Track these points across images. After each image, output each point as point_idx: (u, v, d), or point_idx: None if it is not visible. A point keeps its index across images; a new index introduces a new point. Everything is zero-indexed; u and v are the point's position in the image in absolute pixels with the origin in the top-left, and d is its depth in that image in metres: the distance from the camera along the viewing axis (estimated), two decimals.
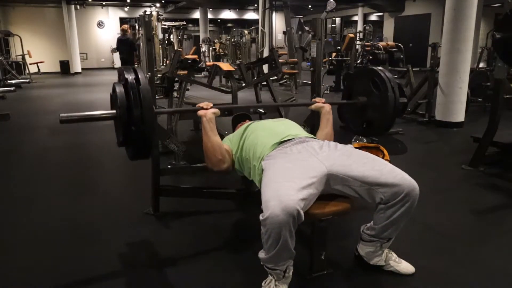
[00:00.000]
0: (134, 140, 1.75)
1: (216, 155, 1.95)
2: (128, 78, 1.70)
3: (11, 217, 2.58)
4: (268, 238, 1.49)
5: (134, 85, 1.69)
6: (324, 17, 6.82)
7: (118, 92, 1.70)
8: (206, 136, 1.94)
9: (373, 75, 2.32)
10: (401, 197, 1.62)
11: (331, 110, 2.25)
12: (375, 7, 14.51)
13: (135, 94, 1.68)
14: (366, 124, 2.44)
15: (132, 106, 1.67)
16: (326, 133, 2.18)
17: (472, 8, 4.61)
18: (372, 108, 2.36)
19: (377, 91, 2.29)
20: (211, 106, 2.02)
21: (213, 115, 1.99)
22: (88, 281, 1.87)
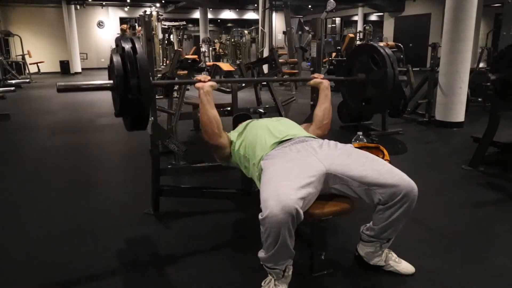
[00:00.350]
0: (131, 110, 1.76)
1: (213, 128, 1.97)
2: (125, 47, 1.70)
3: (11, 217, 2.58)
4: (267, 237, 1.49)
5: (131, 54, 1.70)
6: (324, 17, 6.82)
7: (115, 61, 1.70)
8: (203, 108, 1.98)
9: (373, 51, 2.31)
10: (399, 198, 1.62)
11: (329, 86, 2.30)
12: (375, 7, 14.51)
13: (132, 63, 1.69)
14: (365, 101, 2.43)
15: (129, 76, 1.68)
16: (324, 108, 2.23)
17: (472, 8, 4.61)
18: (371, 85, 2.35)
19: (376, 67, 2.28)
20: (208, 79, 2.06)
21: (210, 88, 2.03)
22: (88, 280, 1.87)
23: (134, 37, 1.81)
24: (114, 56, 1.73)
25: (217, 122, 1.99)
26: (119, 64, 1.70)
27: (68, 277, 1.90)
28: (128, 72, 1.68)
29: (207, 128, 1.98)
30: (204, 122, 1.99)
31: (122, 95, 1.71)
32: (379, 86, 2.31)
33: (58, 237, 2.28)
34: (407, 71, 5.63)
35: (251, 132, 2.00)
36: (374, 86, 2.34)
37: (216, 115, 1.99)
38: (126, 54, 1.70)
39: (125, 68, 1.69)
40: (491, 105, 3.41)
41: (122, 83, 1.69)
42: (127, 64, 1.69)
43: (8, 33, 12.73)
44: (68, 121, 5.87)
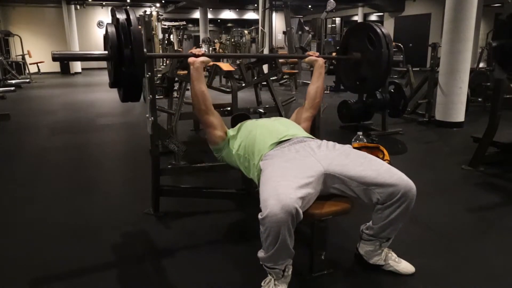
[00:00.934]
0: (124, 81, 1.77)
1: (200, 103, 2.01)
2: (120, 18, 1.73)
3: (11, 217, 2.58)
4: (267, 237, 1.50)
5: (125, 25, 1.72)
6: (324, 17, 6.83)
7: (109, 32, 1.73)
8: (192, 84, 2.03)
9: (369, 30, 2.32)
10: (398, 198, 1.62)
11: (324, 64, 2.34)
12: (375, 7, 14.51)
13: (126, 34, 1.72)
14: (360, 80, 2.45)
15: (123, 46, 1.71)
16: (317, 86, 2.29)
17: (472, 8, 4.61)
18: (366, 64, 2.37)
19: (372, 47, 2.30)
20: (202, 53, 2.09)
21: (201, 64, 2.06)
22: (88, 280, 1.87)
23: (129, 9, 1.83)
24: (109, 27, 1.75)
25: (204, 98, 2.01)
26: (114, 34, 1.73)
27: (68, 277, 1.90)
28: (122, 42, 1.71)
29: (195, 103, 2.03)
30: (192, 97, 2.04)
31: (116, 65, 1.73)
32: (374, 66, 2.34)
33: (58, 237, 2.28)
34: (407, 71, 5.64)
35: (250, 132, 2.00)
36: (369, 66, 2.36)
37: (203, 91, 2.02)
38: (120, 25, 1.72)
39: (119, 39, 1.72)
40: (491, 105, 3.41)
41: (116, 53, 1.72)
42: (121, 35, 1.72)
43: (8, 33, 12.73)
44: (68, 121, 5.87)
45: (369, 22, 2.45)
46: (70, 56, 1.88)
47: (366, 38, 2.33)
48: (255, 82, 3.52)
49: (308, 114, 2.27)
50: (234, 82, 3.22)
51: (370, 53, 2.32)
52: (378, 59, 2.28)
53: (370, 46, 2.31)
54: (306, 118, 2.26)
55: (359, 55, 2.39)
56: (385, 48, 2.26)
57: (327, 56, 2.51)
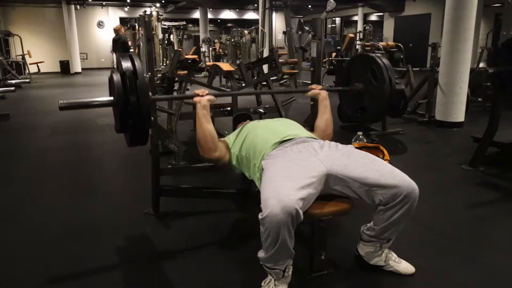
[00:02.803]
0: (131, 127, 1.78)
1: (207, 142, 1.96)
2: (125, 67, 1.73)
3: (11, 217, 2.58)
4: (267, 237, 1.49)
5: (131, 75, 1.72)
6: (324, 17, 6.83)
7: (115, 80, 1.74)
8: (199, 122, 1.97)
9: (372, 63, 2.32)
10: (400, 199, 1.62)
11: (327, 96, 2.28)
12: (375, 7, 14.50)
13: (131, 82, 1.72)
14: (361, 110, 2.45)
15: (129, 94, 1.71)
16: (325, 120, 2.21)
17: (472, 8, 4.61)
18: (368, 96, 2.37)
19: (374, 80, 2.30)
20: (206, 93, 2.05)
21: (207, 102, 2.01)
22: (88, 280, 1.87)
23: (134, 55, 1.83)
24: (114, 74, 1.76)
25: (213, 137, 1.96)
26: (119, 82, 1.73)
27: (68, 276, 1.90)
28: (127, 90, 1.71)
29: (202, 142, 1.96)
30: (199, 136, 1.97)
31: (122, 111, 1.73)
32: (375, 99, 2.33)
33: (58, 237, 2.28)
34: (407, 71, 5.64)
35: (252, 132, 2.00)
36: (371, 98, 2.36)
37: (211, 130, 1.97)
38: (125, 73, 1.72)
39: (124, 87, 1.72)
40: (491, 105, 3.41)
41: (121, 100, 1.73)
42: (126, 83, 1.72)
43: (8, 33, 12.73)
44: (68, 121, 5.87)
45: (372, 55, 2.44)
46: (77, 105, 1.89)
47: (369, 70, 2.33)
48: (255, 82, 3.53)
49: None
50: (234, 82, 3.22)
51: (373, 86, 2.32)
52: (380, 94, 2.28)
53: (373, 79, 2.31)
54: None
55: (362, 86, 2.38)
56: (387, 84, 2.24)
57: (330, 89, 2.48)
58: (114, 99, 1.78)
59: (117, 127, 1.85)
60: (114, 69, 1.85)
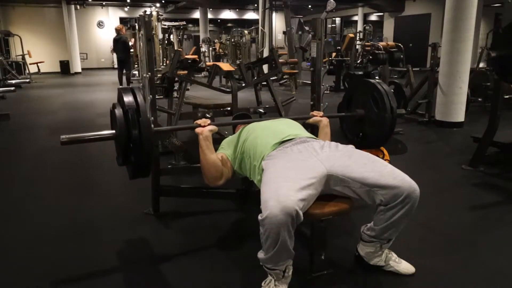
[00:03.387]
0: (133, 160, 1.78)
1: (212, 172, 1.94)
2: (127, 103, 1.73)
3: (11, 217, 2.58)
4: (267, 238, 1.49)
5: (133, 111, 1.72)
6: (324, 17, 6.81)
7: (117, 114, 1.75)
8: (203, 154, 1.93)
9: (373, 90, 2.32)
10: (401, 199, 1.61)
11: (328, 124, 2.28)
12: (375, 7, 14.50)
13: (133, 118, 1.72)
14: (362, 135, 2.45)
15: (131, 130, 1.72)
16: None
17: (472, 8, 4.61)
18: (369, 123, 2.38)
19: (375, 108, 2.30)
20: (208, 123, 2.03)
21: (209, 133, 1.98)
22: (88, 280, 1.87)
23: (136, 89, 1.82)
24: (116, 109, 1.77)
25: (216, 167, 1.94)
26: (121, 116, 1.74)
27: (68, 276, 1.90)
28: (130, 126, 1.72)
29: (207, 173, 1.95)
30: (204, 167, 1.95)
31: (124, 145, 1.74)
32: (376, 126, 2.34)
33: (58, 237, 2.28)
34: (407, 71, 5.64)
35: (252, 133, 1.99)
36: (372, 125, 2.37)
37: (215, 160, 1.94)
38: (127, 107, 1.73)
39: (126, 121, 1.73)
40: (491, 105, 3.41)
41: (124, 136, 1.74)
42: (128, 117, 1.72)
43: (8, 33, 12.73)
44: (68, 121, 5.87)
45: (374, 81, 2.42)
46: (79, 140, 1.90)
47: (371, 97, 2.33)
48: (255, 82, 3.52)
49: None
50: (234, 82, 3.21)
51: (374, 113, 2.32)
52: (381, 122, 2.29)
53: (374, 107, 2.31)
54: None
55: (363, 112, 2.39)
56: (389, 112, 2.25)
57: (331, 115, 2.48)
58: (116, 132, 1.78)
59: (119, 160, 1.85)
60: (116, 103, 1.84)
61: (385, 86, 2.35)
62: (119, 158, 1.85)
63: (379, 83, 2.37)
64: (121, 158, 1.82)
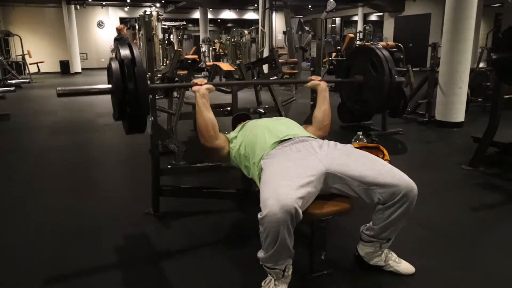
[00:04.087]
0: (129, 114, 1.79)
1: (209, 130, 1.98)
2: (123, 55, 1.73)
3: (11, 217, 2.58)
4: (266, 237, 1.50)
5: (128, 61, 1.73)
6: (324, 17, 6.82)
7: (113, 67, 1.75)
8: (199, 111, 1.99)
9: (372, 55, 2.32)
10: (399, 198, 1.62)
11: (327, 88, 2.32)
12: (375, 7, 14.51)
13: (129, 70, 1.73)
14: (361, 102, 2.45)
15: (127, 81, 1.72)
16: (323, 110, 2.26)
17: (472, 8, 4.61)
18: (368, 88, 2.37)
19: (374, 72, 2.30)
20: (205, 82, 2.08)
21: (206, 91, 2.04)
22: (88, 280, 1.87)
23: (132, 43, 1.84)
24: (112, 62, 1.77)
25: (213, 125, 1.99)
26: (117, 70, 1.73)
27: (68, 277, 1.90)
28: (125, 77, 1.71)
29: (203, 130, 1.98)
30: (200, 124, 1.99)
31: (120, 99, 1.73)
32: (375, 91, 2.33)
33: (58, 237, 2.28)
34: (407, 71, 5.64)
35: (251, 131, 2.00)
36: (371, 90, 2.36)
37: (212, 118, 1.99)
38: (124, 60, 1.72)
39: (123, 74, 1.72)
40: (491, 105, 3.41)
41: (120, 88, 1.74)
42: (124, 70, 1.72)
43: (8, 33, 12.73)
44: (68, 121, 5.87)
45: (372, 46, 2.43)
46: (74, 92, 1.90)
47: (369, 62, 2.33)
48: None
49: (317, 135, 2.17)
50: None
51: (373, 78, 2.32)
52: (380, 85, 2.28)
53: (373, 71, 2.31)
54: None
55: (362, 78, 2.39)
56: (387, 75, 2.25)
57: (329, 80, 2.49)
58: (113, 86, 1.79)
59: (115, 115, 1.86)
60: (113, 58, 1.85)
61: (385, 51, 2.34)
62: (115, 112, 1.85)
63: (378, 48, 2.37)
64: (117, 113, 1.82)
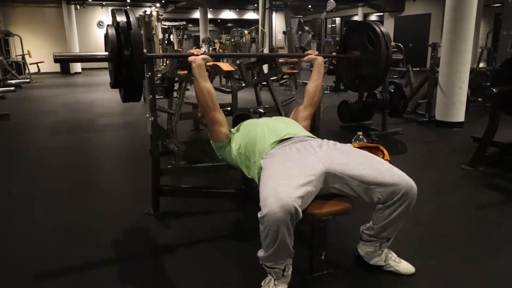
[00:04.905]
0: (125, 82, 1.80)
1: (207, 100, 2.00)
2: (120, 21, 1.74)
3: (11, 217, 2.58)
4: (266, 236, 1.50)
5: (125, 27, 1.74)
6: (324, 17, 6.83)
7: (109, 34, 1.75)
8: (196, 82, 2.01)
9: (369, 29, 2.34)
10: (399, 197, 1.62)
11: (323, 62, 2.36)
12: (375, 7, 14.51)
13: (125, 36, 1.73)
14: (359, 78, 2.47)
15: (123, 48, 1.73)
16: (316, 85, 2.31)
17: (472, 8, 4.61)
18: (365, 63, 2.39)
19: (371, 46, 2.31)
20: (201, 53, 2.10)
21: (202, 61, 2.05)
22: (88, 280, 1.87)
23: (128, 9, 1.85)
24: (109, 28, 1.78)
25: (211, 95, 2.01)
26: (114, 36, 1.75)
27: (67, 276, 1.90)
28: (122, 44, 1.73)
29: (201, 101, 2.01)
30: (198, 95, 2.02)
31: (117, 66, 1.74)
32: (372, 65, 2.36)
33: (58, 237, 2.28)
34: (407, 71, 5.64)
35: (251, 131, 2.00)
36: (368, 65, 2.38)
37: (209, 88, 2.01)
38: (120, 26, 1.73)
39: (119, 40, 1.74)
40: (491, 105, 3.41)
41: (116, 54, 1.74)
42: (121, 36, 1.74)
43: (8, 33, 12.73)
44: (68, 121, 5.87)
45: (368, 21, 2.46)
46: (71, 58, 1.92)
47: (366, 37, 2.34)
48: (255, 82, 3.52)
49: (307, 112, 2.28)
50: (234, 82, 3.21)
51: (369, 52, 2.34)
52: (377, 59, 2.30)
53: (370, 46, 2.32)
54: (305, 116, 2.27)
55: (359, 53, 2.40)
56: (384, 47, 2.27)
57: (326, 55, 2.52)
58: (109, 53, 1.79)
59: (112, 81, 1.87)
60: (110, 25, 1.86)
61: (382, 26, 2.37)
62: (112, 79, 1.87)
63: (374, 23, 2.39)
64: (113, 79, 1.83)
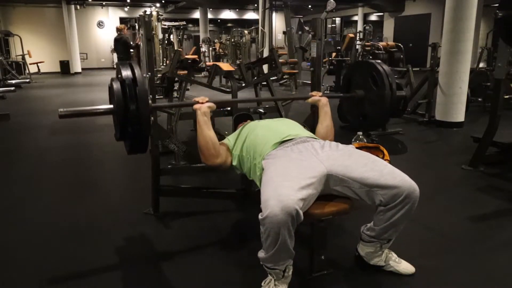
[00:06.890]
0: (131, 135, 1.78)
1: (209, 149, 1.95)
2: (125, 75, 1.73)
3: (11, 217, 2.58)
4: (267, 238, 1.50)
5: (130, 83, 1.72)
6: (324, 17, 6.82)
7: (115, 88, 1.74)
8: (200, 129, 1.96)
9: (372, 69, 2.33)
10: (401, 199, 1.61)
11: (328, 103, 2.28)
12: (375, 7, 14.50)
13: (131, 92, 1.72)
14: (363, 117, 2.45)
15: (128, 102, 1.72)
16: (326, 126, 2.20)
17: (472, 8, 4.61)
18: (369, 102, 2.38)
19: (374, 86, 2.30)
20: (206, 100, 2.05)
21: (208, 109, 2.01)
22: (88, 280, 1.87)
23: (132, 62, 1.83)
24: (114, 82, 1.77)
25: (214, 143, 1.95)
26: (119, 91, 1.74)
27: (67, 276, 1.90)
28: (127, 98, 1.72)
29: (204, 149, 1.95)
30: (200, 143, 1.95)
31: (122, 120, 1.73)
32: (376, 105, 2.34)
33: (58, 237, 2.28)
34: (407, 71, 5.64)
35: (252, 132, 2.00)
36: (372, 104, 2.36)
37: (213, 136, 1.95)
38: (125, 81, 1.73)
39: (124, 95, 1.73)
40: (491, 105, 3.41)
41: (121, 108, 1.73)
42: (126, 91, 1.72)
43: (8, 33, 12.74)
44: (68, 121, 5.83)
45: (372, 61, 2.43)
46: (77, 113, 1.90)
47: (370, 76, 2.33)
48: (255, 82, 3.52)
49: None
50: (234, 82, 3.21)
51: (373, 92, 2.32)
52: (381, 100, 2.29)
53: (373, 86, 2.31)
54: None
55: (362, 93, 2.39)
56: (388, 89, 2.25)
57: (330, 95, 2.48)
58: (114, 107, 1.78)
59: (117, 135, 1.85)
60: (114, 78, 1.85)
61: (385, 66, 2.35)
62: (117, 132, 1.85)
63: (377, 63, 2.38)
64: (118, 133, 1.82)
